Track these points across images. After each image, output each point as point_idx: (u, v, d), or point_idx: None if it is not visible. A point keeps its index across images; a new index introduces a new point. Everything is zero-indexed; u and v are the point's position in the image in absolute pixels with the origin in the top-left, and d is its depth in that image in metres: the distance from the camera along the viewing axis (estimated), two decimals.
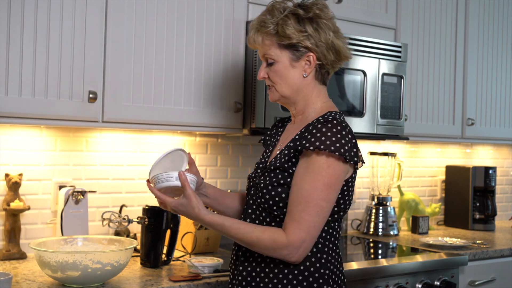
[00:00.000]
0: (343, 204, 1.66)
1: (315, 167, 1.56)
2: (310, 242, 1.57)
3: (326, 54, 1.68)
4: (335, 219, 1.67)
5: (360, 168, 1.70)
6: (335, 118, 1.62)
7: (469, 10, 3.20)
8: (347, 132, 1.60)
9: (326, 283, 1.63)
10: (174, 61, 2.26)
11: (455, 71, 3.16)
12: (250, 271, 1.67)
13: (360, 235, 3.11)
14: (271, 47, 1.68)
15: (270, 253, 1.59)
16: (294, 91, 1.70)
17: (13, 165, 2.27)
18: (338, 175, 1.58)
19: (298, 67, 1.69)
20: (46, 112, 2.00)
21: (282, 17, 1.66)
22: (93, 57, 2.09)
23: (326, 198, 1.56)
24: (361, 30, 2.76)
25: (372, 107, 2.66)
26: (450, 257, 2.54)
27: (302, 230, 1.55)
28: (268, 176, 1.66)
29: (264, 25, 1.68)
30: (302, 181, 1.57)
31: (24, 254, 2.22)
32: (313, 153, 1.57)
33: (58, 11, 2.01)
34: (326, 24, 1.68)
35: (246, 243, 1.61)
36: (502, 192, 3.93)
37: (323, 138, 1.56)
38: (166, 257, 2.22)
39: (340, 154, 1.56)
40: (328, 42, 1.67)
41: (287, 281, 1.62)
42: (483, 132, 3.29)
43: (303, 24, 1.66)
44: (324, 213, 1.57)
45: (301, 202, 1.55)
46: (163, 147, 2.59)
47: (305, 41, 1.66)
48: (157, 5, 2.21)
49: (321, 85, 1.74)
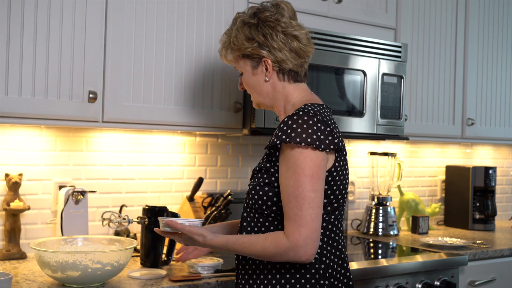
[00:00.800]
0: (333, 195, 1.64)
1: (293, 161, 1.56)
2: (313, 235, 1.54)
3: (282, 56, 1.69)
4: (329, 212, 1.65)
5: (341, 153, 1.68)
6: (304, 110, 1.62)
7: (469, 10, 3.20)
8: (315, 121, 1.58)
9: (322, 278, 1.62)
10: (174, 61, 2.26)
11: (455, 71, 3.16)
12: (251, 273, 1.68)
13: (360, 235, 3.11)
14: (236, 59, 1.76)
15: (278, 259, 1.57)
16: (265, 96, 1.75)
17: (13, 165, 2.27)
18: (318, 164, 1.56)
19: (259, 74, 1.72)
20: (46, 112, 2.00)
21: (235, 29, 1.73)
22: (93, 57, 2.09)
23: (313, 189, 1.55)
24: (361, 30, 2.76)
25: (372, 107, 2.66)
26: (450, 257, 2.54)
27: (301, 227, 1.53)
28: (255, 178, 1.68)
29: (225, 39, 1.77)
30: (285, 178, 1.57)
31: (24, 254, 2.22)
32: (287, 149, 1.57)
33: (58, 11, 2.01)
34: (274, 27, 1.68)
35: (254, 255, 1.60)
36: (502, 192, 3.93)
37: (289, 131, 1.57)
38: (166, 257, 2.22)
39: (307, 144, 1.55)
40: (280, 44, 1.68)
41: (285, 280, 1.61)
42: (483, 132, 3.29)
43: (252, 32, 1.70)
44: (316, 203, 1.55)
45: (290, 199, 1.55)
46: (163, 147, 2.59)
47: (257, 49, 1.69)
48: (157, 5, 2.21)
49: (293, 83, 1.73)
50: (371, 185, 3.20)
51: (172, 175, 2.63)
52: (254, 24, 1.70)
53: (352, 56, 2.60)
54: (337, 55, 2.55)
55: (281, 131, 1.59)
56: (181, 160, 2.65)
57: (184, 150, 2.66)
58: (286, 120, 1.60)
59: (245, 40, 1.70)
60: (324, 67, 2.52)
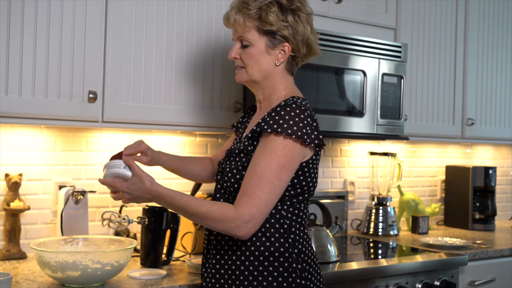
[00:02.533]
0: (307, 186, 1.70)
1: (272, 146, 1.60)
2: (260, 218, 1.59)
3: (300, 47, 1.74)
4: (300, 200, 1.71)
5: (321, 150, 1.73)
6: (295, 103, 1.66)
7: (469, 10, 3.20)
8: (306, 115, 1.63)
9: (295, 262, 1.66)
10: (174, 61, 2.26)
11: (455, 71, 3.16)
12: (221, 258, 1.71)
13: (360, 235, 3.11)
14: (251, 30, 1.72)
15: (218, 226, 1.60)
16: (263, 76, 1.75)
17: (13, 165, 2.27)
18: (294, 156, 1.61)
19: (272, 55, 1.73)
20: (46, 112, 2.00)
21: (266, 3, 1.70)
22: (93, 57, 2.09)
23: (279, 177, 1.59)
24: (361, 30, 2.76)
25: (372, 107, 2.66)
26: (450, 257, 2.54)
27: (253, 205, 1.57)
28: (233, 160, 1.71)
29: (246, 7, 1.71)
30: (258, 158, 1.61)
31: (24, 254, 2.22)
32: (271, 134, 1.61)
33: (58, 11, 2.02)
34: (306, 18, 1.74)
35: (195, 215, 1.62)
36: (502, 192, 3.93)
37: (281, 121, 1.61)
38: (166, 257, 2.22)
39: (297, 137, 1.60)
40: (305, 36, 1.73)
41: (259, 262, 1.65)
42: (483, 132, 3.29)
43: (285, 14, 1.71)
44: (276, 191, 1.60)
45: (255, 178, 1.59)
46: (163, 147, 2.59)
47: (284, 31, 1.70)
48: (157, 5, 2.21)
49: (289, 75, 1.79)
50: (371, 185, 3.20)
51: (172, 175, 2.62)
52: (290, 8, 1.71)
53: (352, 56, 2.60)
54: (337, 55, 2.55)
55: (272, 119, 1.62)
56: None
57: (184, 150, 2.66)
58: (279, 110, 1.64)
59: (278, 18, 1.69)
60: (324, 67, 2.52)
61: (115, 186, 1.69)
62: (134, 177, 1.66)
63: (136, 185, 1.66)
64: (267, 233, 1.66)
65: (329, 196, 3.08)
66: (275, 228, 1.66)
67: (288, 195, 1.67)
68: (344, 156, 3.21)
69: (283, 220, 1.67)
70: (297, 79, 1.85)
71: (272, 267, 1.64)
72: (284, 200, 1.67)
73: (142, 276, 2.01)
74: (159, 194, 1.65)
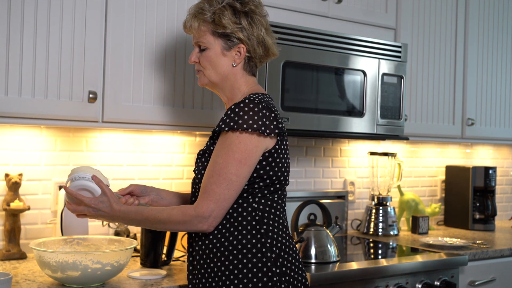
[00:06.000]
0: (275, 176, 1.72)
1: (228, 143, 1.66)
2: (219, 212, 1.65)
3: (256, 48, 1.79)
4: (272, 191, 1.74)
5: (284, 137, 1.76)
6: (250, 98, 1.70)
7: (469, 10, 3.20)
8: (261, 108, 1.68)
9: (269, 251, 1.68)
10: (174, 60, 2.26)
11: (455, 71, 3.16)
12: (200, 258, 1.73)
13: (360, 235, 3.11)
14: (206, 34, 1.78)
15: (182, 227, 1.67)
16: (221, 78, 1.80)
17: (13, 165, 2.27)
18: (250, 150, 1.66)
19: (228, 56, 1.78)
20: (46, 112, 2.00)
21: (219, 7, 1.76)
22: (93, 57, 2.09)
23: (237, 173, 1.64)
24: (361, 30, 2.76)
25: (372, 107, 2.66)
26: (450, 257, 2.54)
27: (211, 201, 1.64)
28: (199, 162, 1.77)
29: (201, 12, 1.78)
30: (216, 156, 1.68)
31: (24, 254, 2.22)
32: (229, 132, 1.66)
33: (58, 11, 2.02)
34: (260, 20, 1.80)
35: (159, 222, 1.69)
36: (502, 192, 3.93)
37: (236, 118, 1.66)
38: (166, 257, 2.22)
39: (253, 130, 1.64)
40: (260, 37, 1.78)
41: (233, 257, 1.67)
42: (483, 132, 3.29)
43: (238, 16, 1.76)
44: (235, 187, 1.65)
45: (213, 175, 1.65)
46: (163, 147, 2.59)
47: (239, 33, 1.76)
48: (157, 5, 2.21)
49: (249, 76, 1.84)
50: (371, 185, 3.20)
51: (172, 175, 2.63)
52: (243, 11, 1.76)
53: (352, 56, 2.60)
54: (337, 55, 2.56)
55: (228, 118, 1.67)
56: (181, 160, 2.65)
57: (184, 150, 2.66)
58: (233, 108, 1.68)
59: (231, 20, 1.75)
60: (324, 67, 2.52)
61: (82, 199, 1.73)
62: (104, 196, 1.73)
63: (104, 204, 1.73)
64: (239, 226, 1.69)
65: (329, 196, 3.08)
66: (247, 220, 1.70)
67: (257, 187, 1.71)
68: (344, 156, 3.21)
69: (255, 212, 1.71)
70: (297, 79, 1.86)
71: (251, 254, 1.67)
72: (254, 193, 1.71)
73: (142, 276, 2.01)
74: (123, 213, 1.71)
